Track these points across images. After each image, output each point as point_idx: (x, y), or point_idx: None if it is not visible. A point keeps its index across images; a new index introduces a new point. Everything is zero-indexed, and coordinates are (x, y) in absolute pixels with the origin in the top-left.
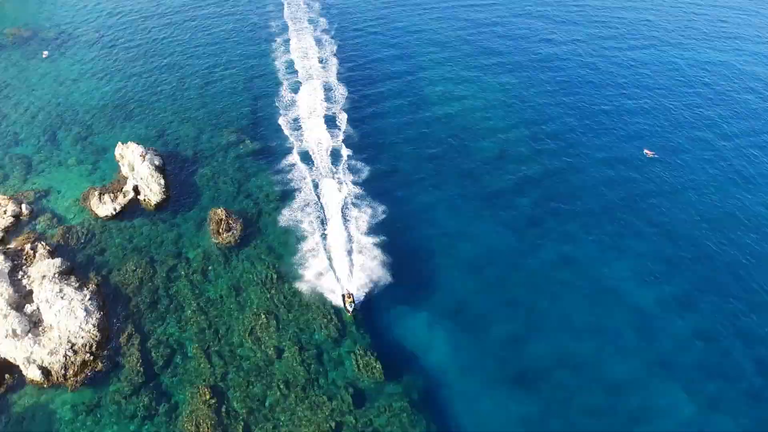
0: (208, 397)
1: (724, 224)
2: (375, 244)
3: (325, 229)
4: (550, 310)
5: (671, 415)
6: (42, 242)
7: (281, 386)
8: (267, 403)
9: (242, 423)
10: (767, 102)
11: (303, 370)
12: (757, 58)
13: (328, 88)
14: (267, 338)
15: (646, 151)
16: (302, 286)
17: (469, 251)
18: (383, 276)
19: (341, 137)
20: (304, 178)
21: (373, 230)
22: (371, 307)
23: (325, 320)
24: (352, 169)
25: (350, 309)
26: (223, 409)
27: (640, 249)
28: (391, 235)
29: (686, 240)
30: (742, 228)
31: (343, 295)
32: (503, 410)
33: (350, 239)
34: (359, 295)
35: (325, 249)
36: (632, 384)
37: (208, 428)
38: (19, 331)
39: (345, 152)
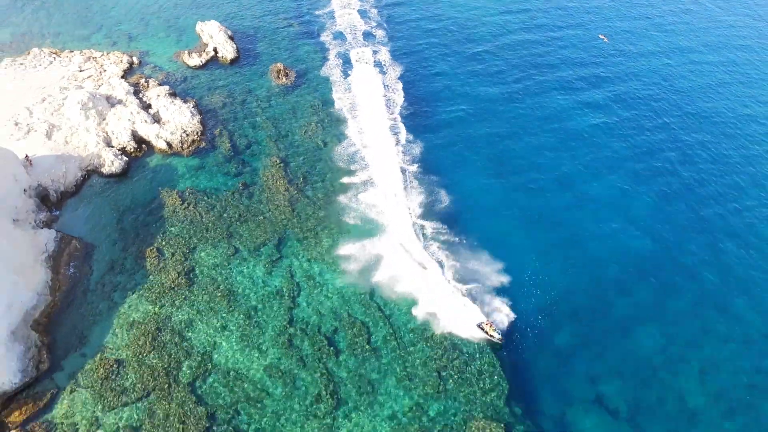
0: (278, 162)
1: (656, 80)
2: (402, 88)
3: (350, 80)
4: (524, 136)
5: (605, 195)
6: (151, 79)
7: (328, 161)
8: (317, 169)
9: (301, 177)
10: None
11: (342, 152)
12: None
13: None
14: (315, 136)
15: (600, 36)
16: (340, 109)
17: (467, 100)
18: (406, 106)
19: (371, 23)
20: (341, 47)
21: (399, 78)
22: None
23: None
24: (380, 42)
25: (496, 335)
26: (288, 170)
27: (596, 97)
28: (411, 85)
29: (629, 90)
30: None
31: (480, 326)
32: (486, 186)
33: (384, 84)
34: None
35: (351, 91)
36: (580, 177)
37: (279, 178)
38: (149, 121)
39: (375, 32)
